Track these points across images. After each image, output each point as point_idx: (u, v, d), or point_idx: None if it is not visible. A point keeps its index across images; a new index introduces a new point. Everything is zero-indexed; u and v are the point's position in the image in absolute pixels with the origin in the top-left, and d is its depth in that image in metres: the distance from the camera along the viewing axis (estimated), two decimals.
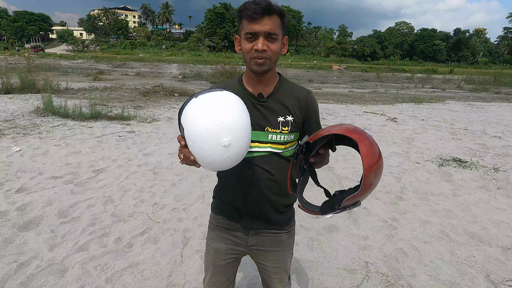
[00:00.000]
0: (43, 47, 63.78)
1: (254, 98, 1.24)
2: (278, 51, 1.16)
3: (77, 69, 21.54)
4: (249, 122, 1.07)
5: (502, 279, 2.37)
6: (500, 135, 7.17)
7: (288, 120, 1.24)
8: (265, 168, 1.24)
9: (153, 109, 8.44)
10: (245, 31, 1.13)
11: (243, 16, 1.12)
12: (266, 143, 1.23)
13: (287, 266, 1.44)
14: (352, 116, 8.82)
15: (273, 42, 1.13)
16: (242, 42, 1.16)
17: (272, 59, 1.15)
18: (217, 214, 1.41)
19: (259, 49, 1.11)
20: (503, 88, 20.77)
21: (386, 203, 3.60)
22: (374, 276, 2.37)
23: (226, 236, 1.38)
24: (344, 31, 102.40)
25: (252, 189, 1.26)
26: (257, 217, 1.31)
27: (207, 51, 75.73)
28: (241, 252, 1.40)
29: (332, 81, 22.88)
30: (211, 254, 1.42)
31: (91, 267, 2.33)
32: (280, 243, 1.38)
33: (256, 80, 1.23)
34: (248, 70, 1.23)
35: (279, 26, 1.14)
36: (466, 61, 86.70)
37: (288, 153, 1.27)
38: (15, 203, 3.15)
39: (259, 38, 1.11)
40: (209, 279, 1.43)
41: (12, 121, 6.30)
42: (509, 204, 3.67)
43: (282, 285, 1.44)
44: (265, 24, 1.10)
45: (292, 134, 1.25)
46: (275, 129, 1.22)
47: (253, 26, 1.11)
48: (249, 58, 1.15)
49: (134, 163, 4.48)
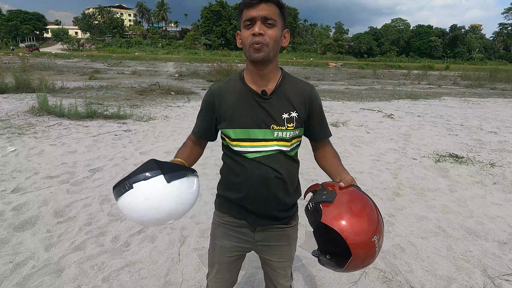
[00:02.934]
0: (38, 46, 63.34)
1: (257, 96, 1.22)
2: (276, 39, 1.15)
3: (72, 68, 21.41)
4: (185, 190, 1.12)
5: (499, 273, 2.39)
6: (496, 131, 7.20)
7: (292, 116, 1.23)
8: (272, 167, 1.23)
9: (149, 108, 8.41)
10: (244, 19, 1.14)
11: (242, 6, 1.14)
12: (272, 141, 1.22)
13: (292, 261, 1.46)
14: (349, 113, 8.82)
15: (271, 28, 1.13)
16: (242, 31, 1.16)
17: (270, 45, 1.13)
18: (222, 212, 1.39)
19: (256, 33, 1.11)
20: (499, 84, 20.87)
21: (383, 199, 3.61)
22: (372, 272, 2.37)
23: (231, 234, 1.37)
24: (340, 28, 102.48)
25: (260, 189, 1.24)
26: (264, 215, 1.31)
27: (204, 49, 75.55)
28: (246, 249, 1.40)
29: (328, 78, 22.90)
30: (216, 252, 1.41)
31: (87, 267, 2.32)
32: (286, 238, 1.39)
33: (258, 75, 1.21)
34: (249, 65, 1.22)
35: (277, 14, 1.14)
36: (462, 57, 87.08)
37: (293, 152, 1.28)
38: (10, 203, 3.12)
39: (256, 23, 1.11)
40: (214, 275, 1.43)
41: (7, 121, 6.25)
42: (505, 199, 3.69)
43: (286, 281, 1.45)
44: (262, 9, 1.11)
45: (297, 129, 1.25)
46: (280, 126, 1.21)
47: (250, 12, 1.12)
48: (248, 45, 1.14)
49: (130, 162, 4.46)
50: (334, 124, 7.25)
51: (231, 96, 1.24)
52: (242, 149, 1.23)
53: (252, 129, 1.21)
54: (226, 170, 1.34)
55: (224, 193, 1.36)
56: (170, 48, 71.30)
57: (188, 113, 7.94)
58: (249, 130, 1.21)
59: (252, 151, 1.22)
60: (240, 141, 1.23)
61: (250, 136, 1.22)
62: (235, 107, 1.22)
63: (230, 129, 1.23)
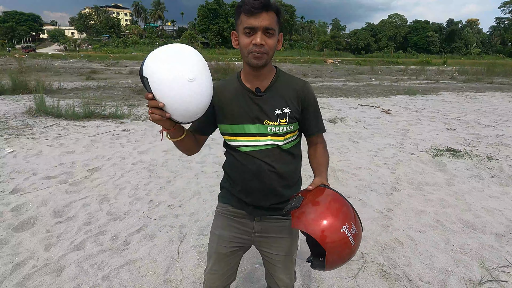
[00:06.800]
0: (34, 48, 63.11)
1: (251, 93, 1.28)
2: (274, 47, 1.20)
3: (69, 69, 21.34)
4: (205, 65, 1.14)
5: (496, 265, 2.40)
6: (493, 125, 7.22)
7: (285, 112, 1.27)
8: (266, 162, 1.28)
9: (147, 107, 8.38)
10: (244, 26, 1.15)
11: (242, 11, 1.15)
12: (266, 136, 1.27)
13: (292, 257, 1.46)
14: (346, 109, 8.84)
15: (270, 37, 1.17)
16: (240, 37, 1.19)
17: (269, 53, 1.19)
18: (223, 203, 1.45)
19: (258, 43, 1.14)
20: (496, 78, 20.90)
21: (381, 194, 3.62)
22: (370, 266, 2.39)
23: (231, 224, 1.41)
24: (337, 24, 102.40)
25: (255, 182, 1.30)
26: (262, 207, 1.35)
27: (201, 47, 75.35)
28: (245, 241, 1.42)
29: (326, 75, 22.89)
30: (214, 242, 1.44)
31: (87, 266, 2.33)
32: (284, 229, 1.41)
33: (254, 75, 1.26)
34: (246, 66, 1.26)
35: (275, 22, 1.17)
36: (459, 52, 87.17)
37: (288, 145, 1.31)
38: (9, 204, 3.13)
39: (257, 33, 1.14)
40: (211, 267, 1.44)
41: (5, 122, 6.23)
42: (502, 192, 3.71)
43: (287, 277, 1.45)
44: (263, 19, 1.13)
45: (291, 125, 1.28)
46: (273, 121, 1.26)
47: (251, 21, 1.13)
48: (247, 52, 1.18)
49: (129, 161, 4.46)
50: (332, 121, 7.25)
51: (228, 94, 1.31)
52: (238, 143, 1.30)
53: (247, 124, 1.27)
54: (225, 164, 1.42)
55: (225, 185, 1.44)
56: None
57: None
58: (244, 125, 1.28)
59: (247, 145, 1.29)
60: (237, 135, 1.30)
61: (245, 131, 1.28)
62: (232, 104, 1.29)
63: (227, 124, 1.30)
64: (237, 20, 1.20)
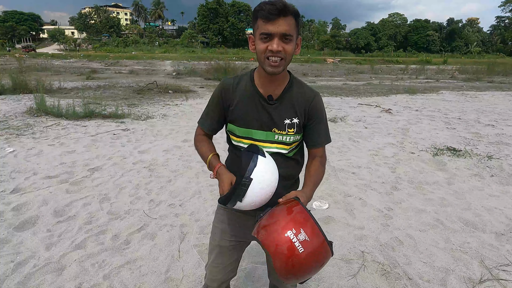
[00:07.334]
0: (34, 47, 63.07)
1: (264, 100, 1.27)
2: (292, 52, 1.17)
3: (69, 69, 21.34)
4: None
5: (496, 264, 2.41)
6: (493, 123, 7.23)
7: (294, 122, 1.28)
8: None
9: (147, 107, 8.40)
10: (260, 31, 1.13)
11: (259, 16, 1.12)
12: (272, 143, 1.28)
13: None
14: (347, 108, 8.84)
15: (288, 43, 1.14)
16: (257, 42, 1.16)
17: (286, 59, 1.16)
18: None
19: (274, 50, 1.12)
20: (496, 77, 20.89)
21: (382, 193, 3.63)
22: (370, 265, 2.40)
23: (233, 218, 1.43)
24: (337, 23, 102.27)
25: None
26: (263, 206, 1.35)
27: (201, 47, 75.32)
28: (247, 235, 1.42)
29: (326, 74, 22.87)
30: (217, 235, 1.45)
31: (88, 265, 2.33)
32: None
33: (268, 79, 1.25)
34: (261, 69, 1.24)
35: (293, 27, 1.14)
36: (460, 51, 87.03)
37: (291, 153, 1.32)
38: (10, 204, 3.13)
39: (274, 39, 1.11)
40: (213, 260, 1.45)
41: (5, 122, 6.24)
42: (502, 191, 3.71)
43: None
44: (280, 25, 1.10)
45: (298, 135, 1.30)
46: (281, 130, 1.26)
47: (268, 26, 1.11)
48: (263, 58, 1.15)
49: (129, 160, 4.46)
50: (332, 120, 7.26)
51: (240, 95, 1.29)
52: (244, 145, 1.31)
53: (255, 130, 1.27)
54: (229, 162, 1.40)
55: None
56: (167, 47, 70.99)
57: (186, 111, 7.94)
58: (252, 130, 1.28)
59: None
60: (243, 138, 1.30)
61: (252, 136, 1.28)
62: (242, 107, 1.28)
63: (235, 126, 1.30)
64: (254, 24, 1.17)
